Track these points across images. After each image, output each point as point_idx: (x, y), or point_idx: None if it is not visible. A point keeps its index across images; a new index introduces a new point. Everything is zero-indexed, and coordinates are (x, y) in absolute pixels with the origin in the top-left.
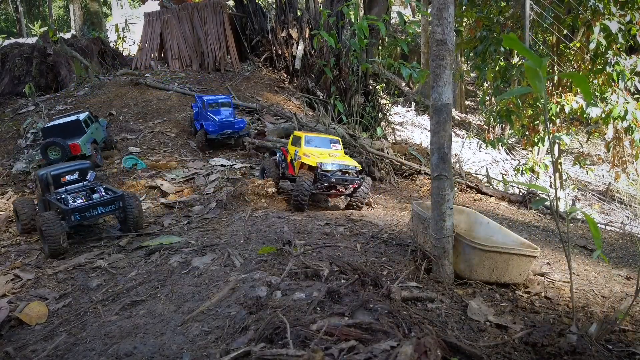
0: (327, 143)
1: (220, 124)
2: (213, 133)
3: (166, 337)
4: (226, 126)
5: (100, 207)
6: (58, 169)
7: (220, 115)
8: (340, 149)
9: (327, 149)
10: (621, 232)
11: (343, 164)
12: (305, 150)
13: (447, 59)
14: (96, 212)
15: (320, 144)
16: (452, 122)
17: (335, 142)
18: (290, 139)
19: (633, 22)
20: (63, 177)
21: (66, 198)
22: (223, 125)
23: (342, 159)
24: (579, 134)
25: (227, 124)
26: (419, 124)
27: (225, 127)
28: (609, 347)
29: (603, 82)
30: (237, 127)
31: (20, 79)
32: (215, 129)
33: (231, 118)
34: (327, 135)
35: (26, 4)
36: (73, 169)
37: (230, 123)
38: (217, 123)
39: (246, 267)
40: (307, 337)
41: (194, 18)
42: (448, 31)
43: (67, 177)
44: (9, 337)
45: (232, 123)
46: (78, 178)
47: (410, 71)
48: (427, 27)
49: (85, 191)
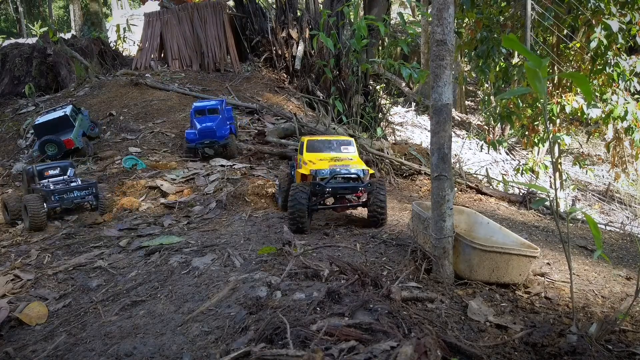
0: (334, 146)
1: (201, 132)
2: (192, 142)
3: (166, 337)
4: (207, 134)
5: (76, 191)
6: (42, 165)
7: (204, 123)
8: (354, 152)
9: (334, 153)
10: (621, 233)
11: (343, 169)
12: (306, 157)
13: (447, 59)
14: (72, 195)
15: (325, 148)
16: (452, 122)
17: (347, 143)
18: (299, 147)
19: (633, 22)
20: (46, 171)
21: (48, 185)
22: (203, 133)
23: (347, 163)
24: (579, 134)
25: (208, 132)
26: (419, 124)
27: (206, 136)
28: (609, 347)
29: (603, 83)
30: (218, 135)
31: (20, 79)
32: (195, 138)
33: (213, 126)
34: (335, 137)
35: (26, 4)
36: (55, 165)
37: (211, 131)
38: (197, 131)
39: (246, 267)
40: (307, 337)
41: (194, 18)
42: (448, 31)
43: (50, 172)
44: (9, 337)
45: (213, 131)
46: (59, 173)
47: (410, 71)
48: (427, 27)
49: (64, 182)
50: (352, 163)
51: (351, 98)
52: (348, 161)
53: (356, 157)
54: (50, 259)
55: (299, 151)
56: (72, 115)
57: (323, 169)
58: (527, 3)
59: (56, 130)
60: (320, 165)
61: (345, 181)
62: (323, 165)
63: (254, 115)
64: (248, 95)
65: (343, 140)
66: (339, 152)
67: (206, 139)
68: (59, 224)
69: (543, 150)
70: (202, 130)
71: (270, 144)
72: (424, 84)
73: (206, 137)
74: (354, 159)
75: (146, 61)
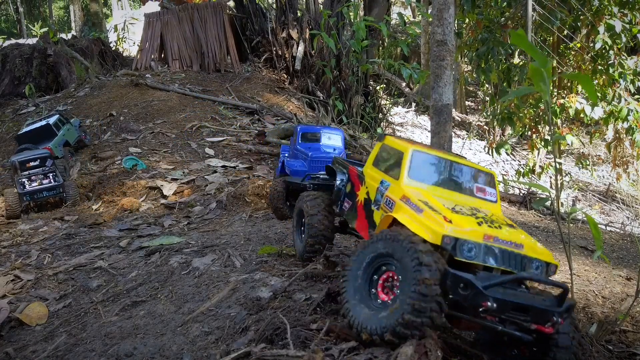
0: (464, 180)
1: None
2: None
3: (166, 337)
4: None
5: (45, 191)
6: (22, 157)
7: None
8: (494, 199)
9: (466, 197)
10: (621, 233)
11: (510, 251)
12: (412, 188)
13: (447, 59)
14: (42, 195)
15: (448, 181)
16: (452, 122)
17: (484, 179)
18: (373, 152)
19: (633, 22)
20: (28, 163)
21: (24, 182)
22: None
23: (513, 237)
24: (580, 134)
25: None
26: (419, 125)
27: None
28: (609, 347)
29: (604, 83)
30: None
31: (21, 79)
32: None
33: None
34: (460, 161)
35: (26, 4)
36: (36, 157)
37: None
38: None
39: (246, 267)
40: (307, 337)
41: (194, 19)
42: (448, 32)
43: (31, 163)
44: (9, 337)
45: None
46: (39, 164)
47: (410, 72)
48: (427, 28)
49: (43, 175)
50: (516, 234)
51: (351, 98)
52: (512, 233)
53: (499, 212)
54: (51, 260)
55: (373, 161)
56: (56, 124)
57: (473, 241)
58: (527, 4)
59: (38, 140)
60: (462, 224)
61: (515, 288)
62: (467, 223)
63: (254, 116)
64: (248, 96)
65: (479, 171)
66: (471, 196)
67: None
68: (59, 224)
69: (544, 151)
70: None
71: (270, 144)
72: (424, 84)
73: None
74: (504, 219)
75: (146, 61)
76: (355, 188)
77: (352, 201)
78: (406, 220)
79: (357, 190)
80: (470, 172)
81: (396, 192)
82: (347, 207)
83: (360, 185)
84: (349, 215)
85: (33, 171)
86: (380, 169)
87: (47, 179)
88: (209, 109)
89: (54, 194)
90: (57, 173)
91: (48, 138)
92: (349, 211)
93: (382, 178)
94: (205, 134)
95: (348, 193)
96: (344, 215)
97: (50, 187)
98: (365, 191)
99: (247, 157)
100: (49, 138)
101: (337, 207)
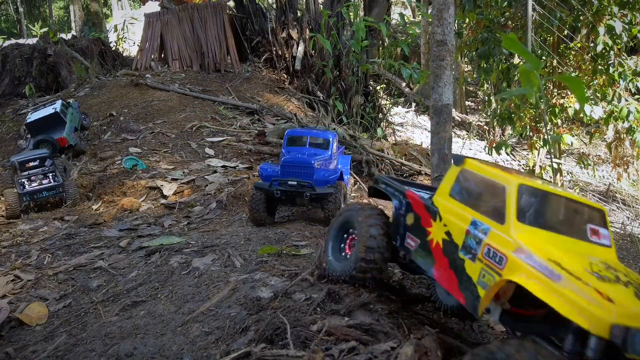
0: (577, 219)
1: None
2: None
3: (166, 337)
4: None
5: (45, 191)
6: (22, 157)
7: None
8: (609, 242)
9: (580, 243)
10: (622, 233)
11: None
12: (528, 237)
13: (447, 59)
14: (42, 195)
15: (560, 223)
16: (452, 122)
17: (597, 218)
18: (447, 179)
19: (633, 22)
20: (27, 163)
21: (24, 183)
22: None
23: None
24: (580, 134)
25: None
26: (419, 125)
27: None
28: None
29: (604, 83)
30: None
31: (21, 79)
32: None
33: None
34: (570, 196)
35: (26, 4)
36: (35, 157)
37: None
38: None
39: (246, 267)
40: (307, 337)
41: (194, 19)
42: (448, 32)
43: (31, 163)
44: (9, 337)
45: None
46: (39, 164)
47: (410, 72)
48: (427, 28)
49: (42, 175)
50: None
51: (351, 98)
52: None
53: (616, 259)
54: (51, 260)
55: (451, 189)
56: (62, 110)
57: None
58: (527, 4)
59: (49, 128)
60: (624, 302)
61: None
62: (631, 304)
63: (254, 116)
64: (248, 96)
65: (591, 208)
66: (586, 241)
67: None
68: (59, 224)
69: (544, 151)
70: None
71: (270, 144)
72: (424, 84)
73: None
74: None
75: (146, 62)
76: (422, 222)
77: (420, 239)
78: (538, 289)
79: (426, 225)
80: (582, 209)
81: (504, 243)
82: (413, 245)
83: (431, 220)
84: (419, 257)
85: (33, 171)
86: (463, 204)
87: (46, 179)
88: (209, 109)
89: (53, 194)
90: (57, 173)
91: (59, 125)
92: (417, 251)
93: (474, 217)
94: (205, 134)
95: (410, 227)
96: (409, 254)
97: (50, 187)
98: (443, 230)
99: (247, 157)
100: (59, 125)
101: (397, 241)
